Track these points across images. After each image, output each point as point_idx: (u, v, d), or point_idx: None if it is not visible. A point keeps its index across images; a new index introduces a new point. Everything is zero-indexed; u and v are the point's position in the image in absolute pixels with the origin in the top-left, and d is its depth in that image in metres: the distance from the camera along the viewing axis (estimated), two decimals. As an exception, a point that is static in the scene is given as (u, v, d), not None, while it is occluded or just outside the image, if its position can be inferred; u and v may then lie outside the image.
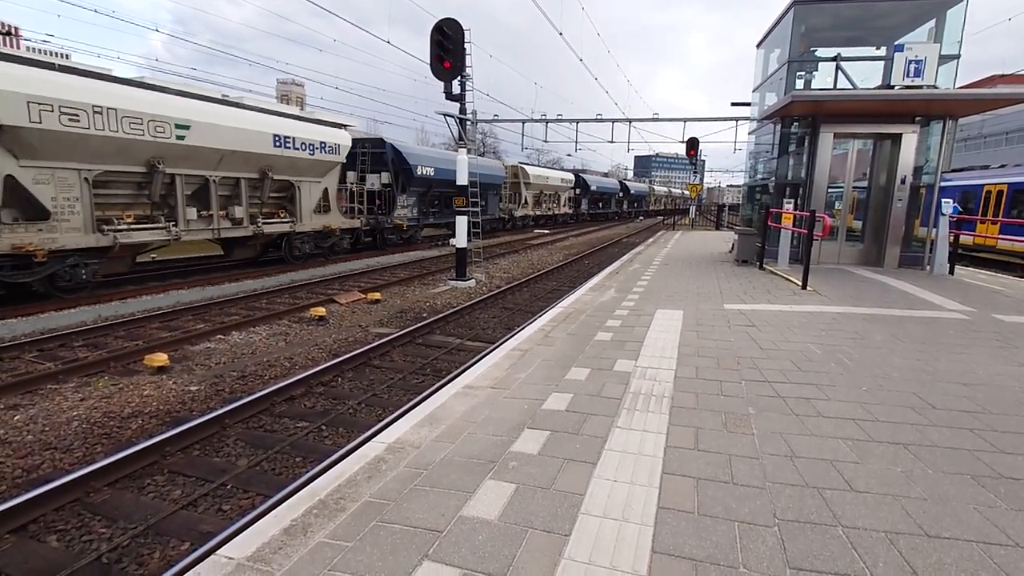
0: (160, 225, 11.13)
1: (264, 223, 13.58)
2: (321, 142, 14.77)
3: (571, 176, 40.99)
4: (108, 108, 9.66)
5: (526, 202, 32.67)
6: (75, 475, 3.74)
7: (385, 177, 19.35)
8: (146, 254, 12.92)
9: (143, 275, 12.70)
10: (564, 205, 38.68)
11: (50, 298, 9.46)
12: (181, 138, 10.94)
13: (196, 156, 11.45)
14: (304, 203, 14.80)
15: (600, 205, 47.02)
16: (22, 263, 8.99)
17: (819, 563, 2.04)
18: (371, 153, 19.10)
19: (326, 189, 15.61)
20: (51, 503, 3.57)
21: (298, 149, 13.95)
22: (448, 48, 10.99)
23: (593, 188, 43.71)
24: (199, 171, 11.74)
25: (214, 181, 12.11)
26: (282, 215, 14.37)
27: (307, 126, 14.56)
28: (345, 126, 16.50)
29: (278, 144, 13.33)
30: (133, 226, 10.64)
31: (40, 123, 8.74)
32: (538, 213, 34.60)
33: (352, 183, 18.22)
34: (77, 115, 9.21)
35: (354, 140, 16.98)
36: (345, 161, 16.24)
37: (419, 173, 20.32)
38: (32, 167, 8.96)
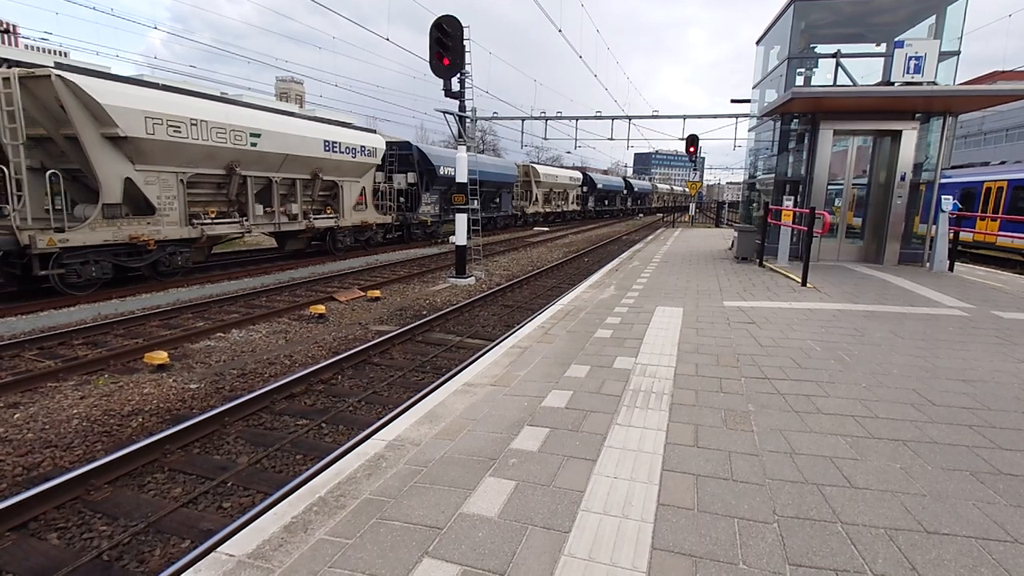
0: (235, 220, 12.95)
1: (315, 218, 15.36)
2: (361, 146, 16.57)
3: (579, 175, 42.12)
4: (201, 120, 11.42)
5: (536, 200, 33.93)
6: (75, 473, 3.74)
7: (411, 177, 20.82)
8: (220, 246, 14.44)
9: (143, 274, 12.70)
10: (572, 202, 40.04)
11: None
12: (254, 145, 12.74)
13: (264, 160, 13.27)
14: (346, 201, 16.57)
15: (606, 202, 48.53)
16: (135, 251, 10.81)
17: (818, 559, 2.04)
18: (398, 155, 20.29)
19: (364, 188, 17.39)
20: (52, 501, 3.57)
21: (343, 153, 15.73)
22: (447, 45, 10.98)
23: (599, 186, 45.10)
24: (265, 173, 13.57)
25: (276, 181, 13.96)
26: (328, 211, 16.20)
27: (349, 132, 16.43)
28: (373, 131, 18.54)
29: (327, 148, 15.12)
30: (215, 221, 12.40)
31: (152, 134, 10.50)
32: (548, 210, 35.83)
33: (381, 182, 19.24)
34: (179, 127, 11.00)
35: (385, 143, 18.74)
36: (381, 163, 18.08)
37: (441, 173, 21.72)
38: (143, 171, 10.75)
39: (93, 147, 9.84)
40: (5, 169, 9.37)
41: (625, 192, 53.42)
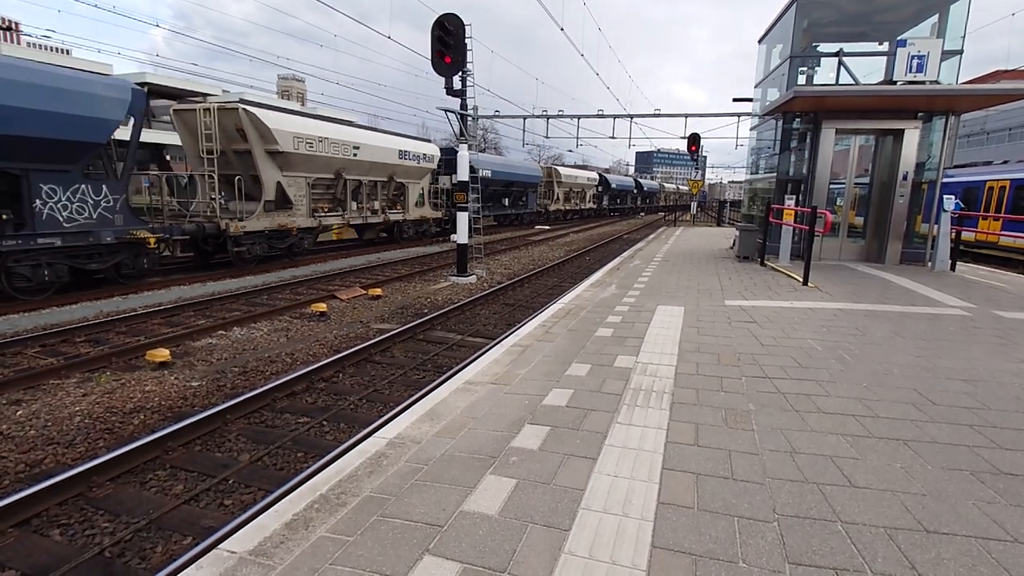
0: (338, 214, 16.73)
1: (389, 213, 19.12)
2: (423, 153, 20.38)
3: (596, 175, 45.86)
4: (324, 138, 15.15)
5: (558, 198, 37.66)
6: (78, 470, 3.76)
7: (455, 178, 22.29)
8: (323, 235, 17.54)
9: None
10: (589, 201, 43.85)
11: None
12: (355, 155, 16.51)
13: (360, 167, 17.00)
14: (410, 199, 20.34)
15: (618, 201, 53.07)
16: (280, 236, 14.31)
17: (818, 558, 2.05)
18: (444, 160, 22.73)
19: (423, 188, 21.15)
20: (54, 498, 3.59)
21: (411, 160, 19.43)
22: (449, 43, 10.96)
23: (613, 186, 49.49)
24: (359, 176, 17.29)
25: (364, 183, 17.74)
26: (397, 208, 19.89)
27: (414, 142, 20.32)
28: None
29: (401, 157, 18.87)
30: (327, 214, 16.09)
31: (296, 149, 14.10)
32: (568, 208, 39.47)
33: (432, 183, 22.63)
34: (311, 143, 14.65)
35: (436, 149, 23.19)
36: (436, 168, 21.83)
37: (482, 174, 24.04)
38: (288, 176, 14.46)
39: (260, 159, 13.47)
40: (196, 177, 13.48)
41: (636, 191, 58.11)
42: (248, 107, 13.01)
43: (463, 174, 12.85)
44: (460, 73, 11.92)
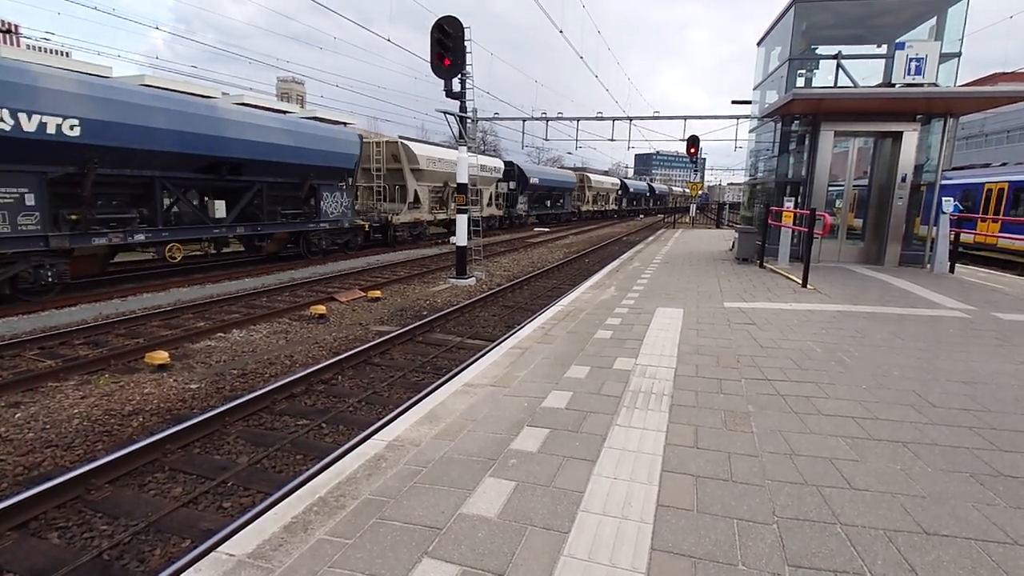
0: (442, 211, 23.17)
1: (472, 210, 25.20)
2: (492, 167, 27.74)
3: (618, 181, 54.61)
4: (440, 158, 22.02)
5: (588, 200, 44.92)
6: (76, 472, 3.75)
7: (511, 184, 31.14)
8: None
9: (142, 274, 12.72)
10: (612, 203, 51.54)
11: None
12: (450, 170, 20.74)
13: (455, 177, 20.16)
14: (484, 199, 26.79)
15: (635, 203, 61.49)
16: (413, 226, 21.06)
17: (818, 560, 2.04)
18: (503, 170, 29.62)
19: (491, 192, 28.22)
20: (52, 500, 3.58)
21: (485, 172, 25.24)
22: (448, 46, 10.98)
23: (631, 190, 58.49)
24: (456, 186, 21.88)
25: (437, 189, 23.45)
26: (476, 207, 24.43)
27: (486, 158, 27.78)
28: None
29: (481, 170, 23.24)
30: (437, 211, 22.86)
31: (428, 167, 21.19)
32: (595, 208, 46.97)
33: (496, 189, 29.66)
34: (433, 162, 21.64)
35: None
36: (501, 177, 29.05)
37: (532, 182, 32.26)
38: (420, 184, 21.22)
39: (407, 174, 20.74)
40: (369, 185, 20.74)
41: (649, 194, 67.51)
42: (402, 140, 21.15)
43: (462, 176, 12.86)
44: (459, 75, 11.94)
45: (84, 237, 9.92)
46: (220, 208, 12.90)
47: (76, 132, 9.24)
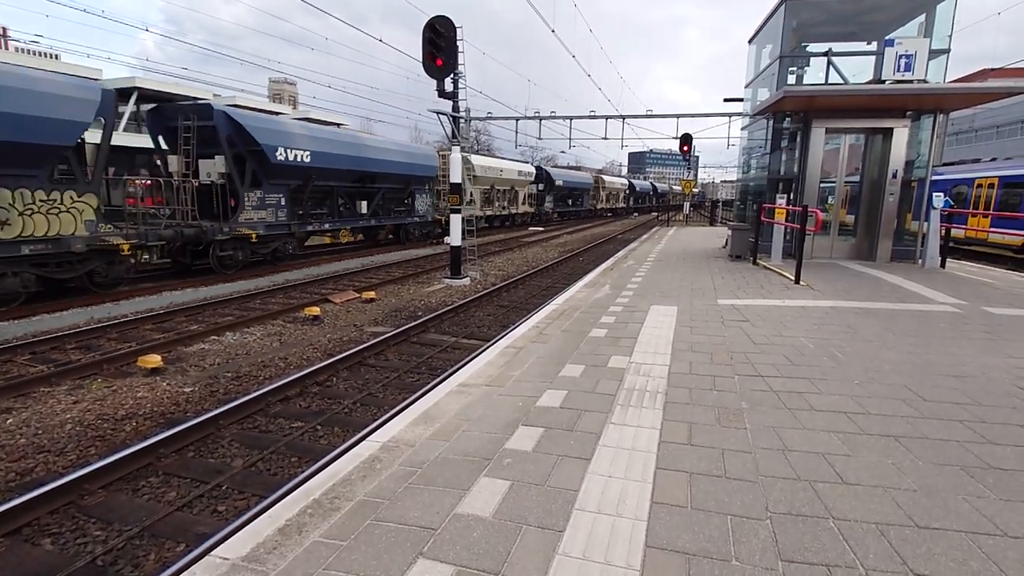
0: (487, 208, 28.62)
1: (510, 208, 32.22)
2: (528, 171, 34.27)
3: (626, 181, 61.87)
4: (490, 167, 29.14)
5: (602, 199, 50.81)
6: (69, 478, 3.73)
7: (540, 186, 36.95)
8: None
9: (137, 276, 12.65)
10: (621, 200, 57.80)
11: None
12: (500, 175, 29.36)
13: (500, 181, 29.70)
14: (519, 199, 33.48)
15: (640, 201, 66.70)
16: (469, 222, 17.83)
17: (811, 555, 2.06)
18: (535, 174, 35.97)
19: (524, 192, 34.20)
20: (45, 506, 3.56)
21: (521, 176, 32.95)
22: (440, 46, 10.96)
23: (637, 189, 65.10)
24: (499, 187, 30.20)
25: (501, 191, 30.64)
26: (513, 206, 32.75)
27: (523, 165, 34.11)
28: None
29: (518, 175, 32.46)
30: (486, 209, 28.60)
31: (481, 174, 27.79)
32: (607, 206, 52.71)
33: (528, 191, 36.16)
34: (487, 170, 28.48)
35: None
36: (533, 179, 35.39)
37: (558, 184, 39.09)
38: (474, 188, 27.12)
39: (467, 179, 21.67)
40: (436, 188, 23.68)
41: (652, 193, 73.35)
42: (467, 155, 25.25)
43: (455, 176, 12.84)
44: (452, 75, 11.92)
45: (303, 225, 15.71)
46: (364, 206, 18.40)
47: (308, 159, 15.08)
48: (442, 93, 11.90)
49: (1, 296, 8.97)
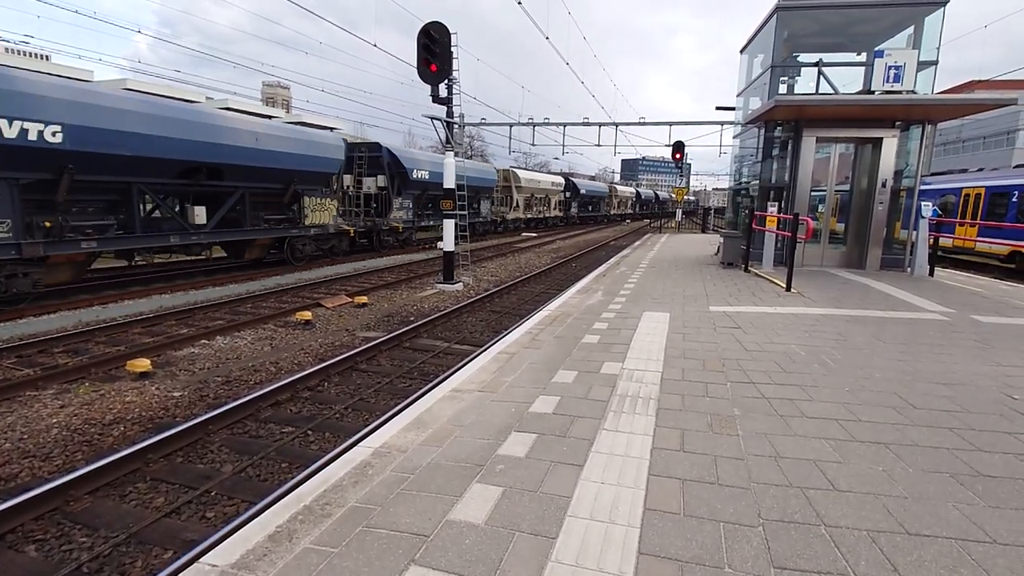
0: (530, 212, 36.56)
1: (544, 212, 39.16)
2: (561, 182, 41.94)
3: (633, 190, 70.74)
4: (531, 179, 36.91)
5: (614, 205, 58.26)
6: (54, 483, 3.67)
7: (567, 194, 43.43)
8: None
9: (131, 279, 12.53)
10: (629, 207, 65.74)
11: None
12: (538, 185, 37.26)
13: (538, 190, 37.38)
14: (552, 205, 40.25)
15: (644, 207, 73.50)
16: (515, 222, 34.00)
17: (803, 562, 2.06)
18: (564, 183, 43.06)
19: (555, 199, 40.76)
20: (29, 512, 3.50)
21: (555, 186, 40.36)
22: (435, 52, 11.00)
23: (642, 197, 73.20)
24: (537, 195, 37.71)
25: (539, 197, 38.09)
26: (546, 210, 39.49)
27: (555, 177, 42.12)
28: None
29: (552, 185, 39.88)
30: (527, 212, 36.18)
31: (525, 184, 35.35)
32: (618, 212, 60.26)
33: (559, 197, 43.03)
34: (529, 181, 36.11)
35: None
36: (563, 189, 42.39)
37: (582, 192, 46.54)
38: (519, 196, 34.88)
39: (513, 189, 33.70)
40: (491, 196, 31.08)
41: (654, 200, 79.39)
42: (511, 168, 34.23)
43: (449, 181, 12.85)
44: (446, 81, 11.95)
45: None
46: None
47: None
48: (436, 99, 11.92)
49: (299, 257, 15.73)
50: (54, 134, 9.23)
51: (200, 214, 12.56)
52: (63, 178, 9.60)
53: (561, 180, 42.20)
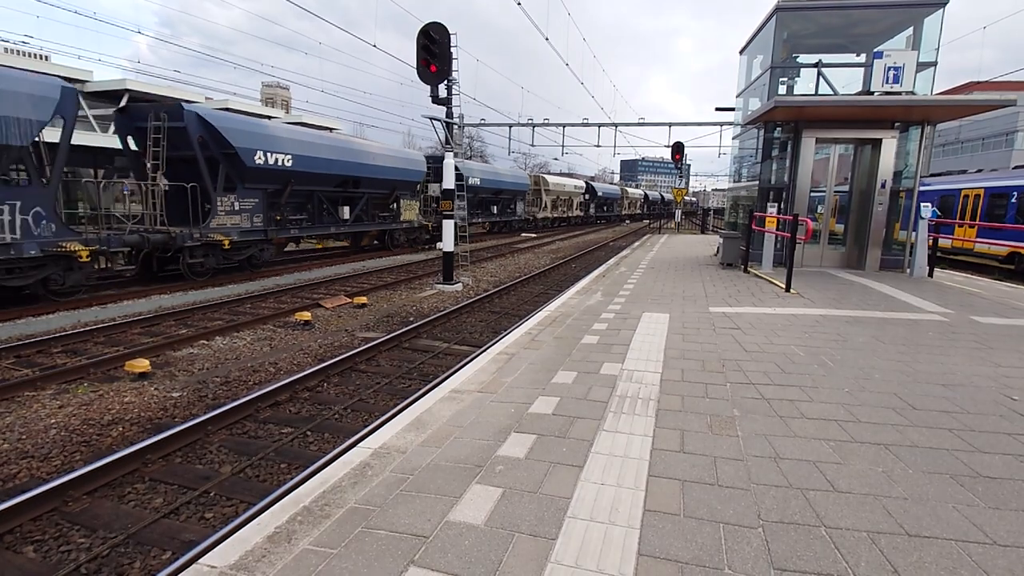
0: (556, 212, 41.37)
1: (567, 212, 43.69)
2: (582, 185, 46.77)
3: (642, 192, 74.98)
4: (558, 183, 41.43)
5: (625, 206, 62.78)
6: (53, 484, 3.66)
7: (587, 195, 47.11)
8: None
9: (129, 280, 12.51)
10: (638, 208, 69.89)
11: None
12: (563, 189, 41.98)
13: (562, 192, 42.10)
14: (574, 205, 44.64)
15: (655, 208, 76.61)
16: (544, 220, 39.35)
17: (802, 563, 2.06)
18: (585, 188, 47.45)
19: (577, 200, 45.41)
20: (28, 513, 3.49)
21: (576, 189, 44.85)
22: (434, 52, 11.00)
23: (650, 199, 76.94)
24: (562, 196, 42.52)
25: (564, 199, 42.70)
26: (568, 211, 44.06)
27: (577, 181, 47.95)
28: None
29: (574, 188, 44.45)
30: (553, 212, 40.84)
31: (553, 188, 39.99)
32: (628, 212, 64.73)
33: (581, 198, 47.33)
34: (557, 186, 40.75)
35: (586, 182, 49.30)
36: (583, 192, 46.73)
37: (598, 194, 50.48)
38: (547, 198, 39.58)
39: (543, 192, 38.45)
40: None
41: (661, 201, 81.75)
42: (540, 174, 41.39)
43: (448, 182, 12.85)
44: (446, 82, 11.95)
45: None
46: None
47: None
48: (436, 99, 11.92)
49: (396, 244, 20.42)
50: (288, 160, 14.45)
51: (346, 212, 17.76)
52: (287, 189, 14.83)
53: (582, 184, 47.77)
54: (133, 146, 12.84)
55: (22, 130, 9.20)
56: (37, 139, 9.63)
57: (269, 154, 13.88)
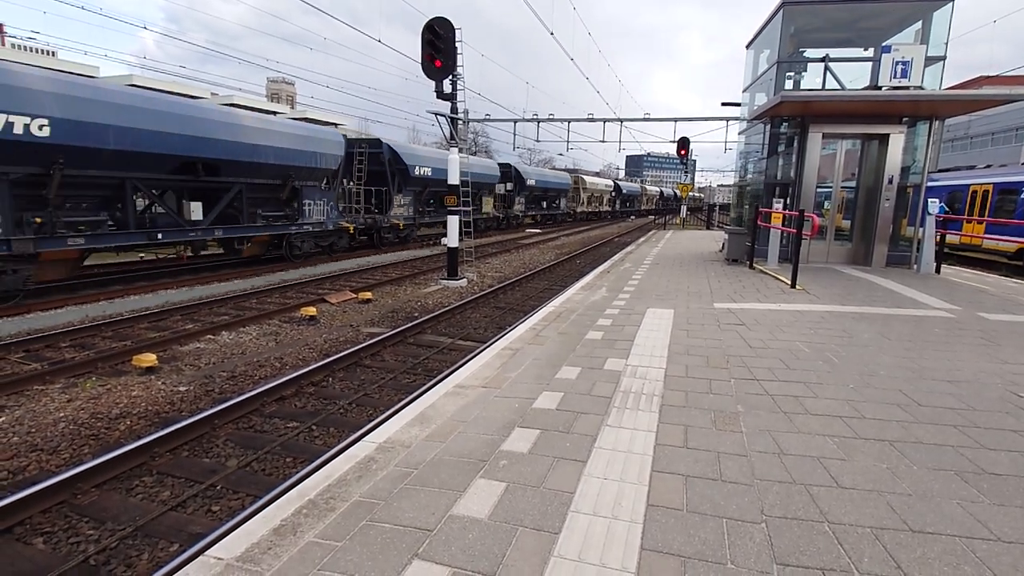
0: (590, 207, 48.53)
1: (599, 208, 51.53)
2: (612, 183, 55.80)
3: (658, 190, 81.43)
4: (593, 182, 49.58)
5: (644, 202, 69.34)
6: (62, 477, 3.70)
7: (613, 193, 54.40)
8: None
9: (132, 275, 12.59)
10: (652, 204, 75.37)
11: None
12: (596, 187, 49.79)
13: (595, 190, 49.50)
14: (603, 201, 52.28)
15: (666, 204, 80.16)
16: (581, 213, 47.03)
17: (806, 559, 2.06)
18: (614, 186, 55.43)
19: (607, 197, 53.35)
20: (37, 505, 3.53)
21: (607, 188, 53.33)
22: (439, 47, 10.97)
23: (665, 195, 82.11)
24: (595, 194, 49.58)
25: (596, 196, 50.05)
26: (600, 206, 51.90)
27: (607, 180, 57.39)
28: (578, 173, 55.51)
29: (605, 187, 52.70)
30: (587, 207, 48.20)
31: (589, 187, 47.48)
32: (647, 207, 71.09)
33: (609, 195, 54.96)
34: (591, 184, 48.61)
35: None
36: (612, 189, 55.42)
37: (623, 191, 59.39)
38: (584, 195, 46.88)
39: (581, 191, 46.24)
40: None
41: (675, 197, 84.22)
42: (578, 175, 47.24)
43: (453, 178, 12.84)
44: (450, 77, 11.93)
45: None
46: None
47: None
48: (441, 94, 11.90)
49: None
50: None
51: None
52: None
53: (611, 183, 56.01)
54: None
55: (334, 161, 16.27)
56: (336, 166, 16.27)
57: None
